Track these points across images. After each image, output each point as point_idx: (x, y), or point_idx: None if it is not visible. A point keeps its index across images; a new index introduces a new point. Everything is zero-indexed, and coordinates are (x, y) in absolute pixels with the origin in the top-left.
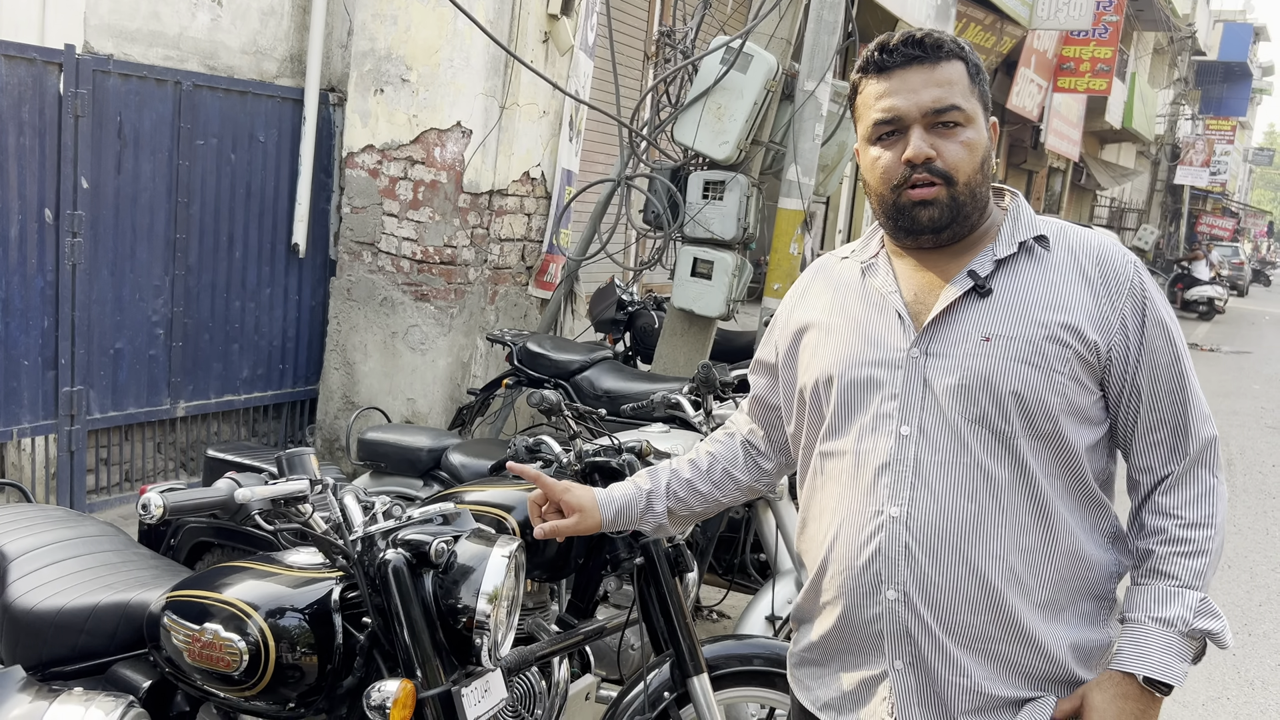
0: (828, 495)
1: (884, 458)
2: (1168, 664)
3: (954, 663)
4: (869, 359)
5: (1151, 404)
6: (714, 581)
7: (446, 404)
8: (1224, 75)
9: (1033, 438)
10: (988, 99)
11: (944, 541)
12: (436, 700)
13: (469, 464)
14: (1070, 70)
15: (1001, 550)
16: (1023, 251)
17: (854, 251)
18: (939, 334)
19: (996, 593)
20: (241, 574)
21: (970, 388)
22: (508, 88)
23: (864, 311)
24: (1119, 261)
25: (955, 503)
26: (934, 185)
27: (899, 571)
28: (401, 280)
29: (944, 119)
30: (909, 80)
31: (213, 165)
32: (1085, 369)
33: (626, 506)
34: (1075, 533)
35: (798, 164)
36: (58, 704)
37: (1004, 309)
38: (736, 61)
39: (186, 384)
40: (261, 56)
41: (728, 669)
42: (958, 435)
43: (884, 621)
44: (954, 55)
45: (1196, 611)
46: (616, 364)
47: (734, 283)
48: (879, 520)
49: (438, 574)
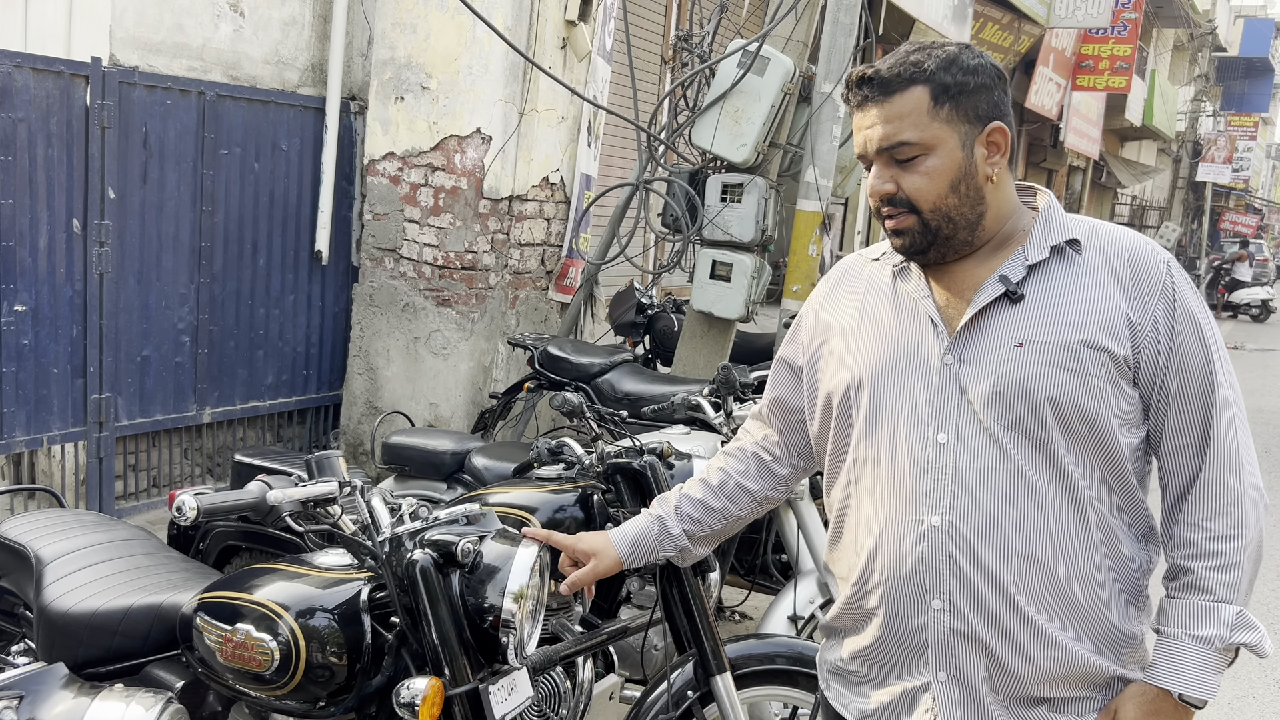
0: (864, 504)
1: (922, 465)
2: (1204, 681)
3: (1000, 668)
4: (902, 365)
5: (1180, 407)
6: (736, 583)
7: (469, 408)
8: (1245, 71)
9: (1070, 443)
10: (971, 112)
11: (987, 548)
12: (464, 698)
13: (492, 467)
14: (1089, 68)
15: (1045, 555)
16: (1054, 255)
17: (885, 254)
18: (972, 340)
19: (1040, 597)
20: (271, 575)
21: (1005, 394)
22: (526, 94)
23: (895, 317)
24: (1151, 261)
25: (997, 509)
26: (900, 214)
27: (944, 581)
28: (423, 286)
29: (897, 155)
30: (865, 119)
31: (236, 174)
32: (1121, 372)
33: (640, 538)
34: (1114, 533)
35: (815, 166)
36: (99, 700)
37: (1037, 314)
38: (753, 65)
39: (212, 391)
40: (283, 66)
41: (751, 668)
42: (995, 441)
43: (929, 632)
44: (911, 82)
45: (1233, 626)
46: (637, 366)
47: (753, 285)
48: (920, 529)
49: (464, 574)
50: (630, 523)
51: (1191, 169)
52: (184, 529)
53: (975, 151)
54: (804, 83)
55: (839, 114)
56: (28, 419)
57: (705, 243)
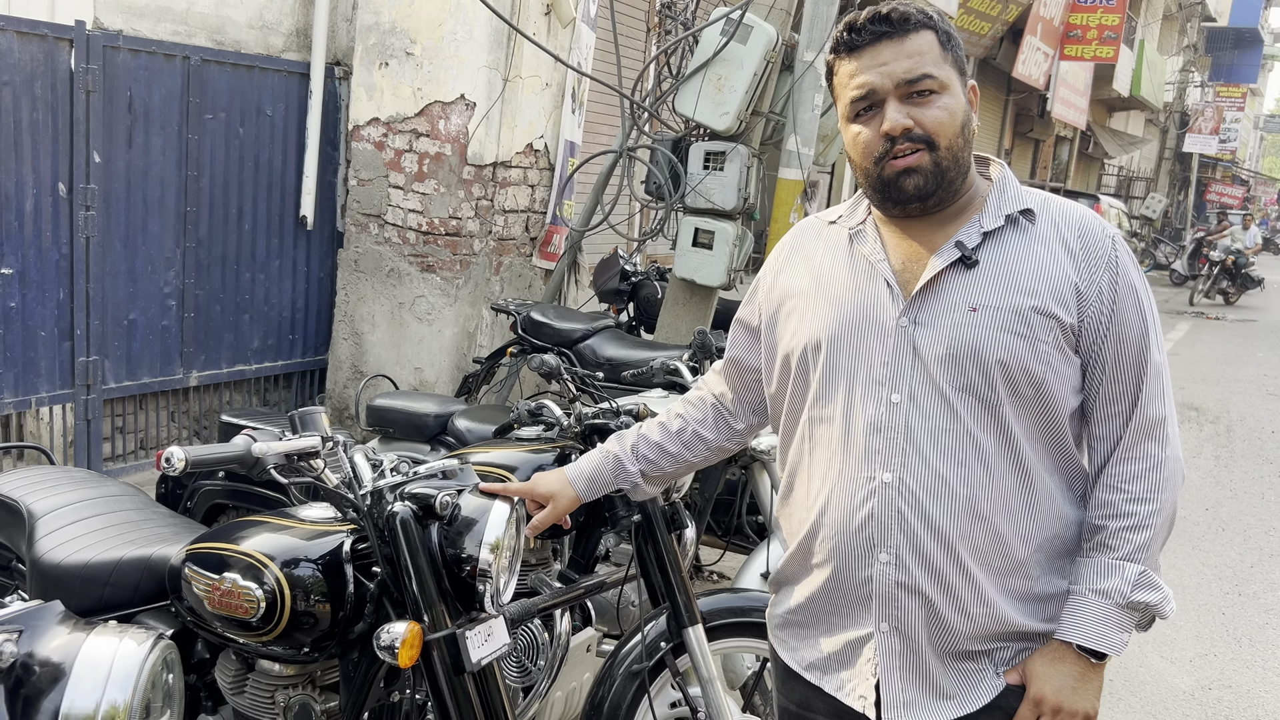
0: (816, 461)
1: (875, 424)
2: (1103, 634)
3: (939, 621)
4: (858, 327)
5: (1115, 374)
6: (712, 543)
7: (453, 372)
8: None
9: (1017, 405)
10: (963, 64)
11: (935, 505)
12: (442, 642)
13: (474, 429)
14: (1077, 38)
15: (990, 512)
16: (1008, 224)
17: (841, 217)
18: (927, 303)
19: (983, 553)
20: (257, 528)
21: (958, 357)
22: (510, 60)
23: (852, 279)
24: (1099, 234)
25: (946, 467)
26: (916, 152)
27: (892, 535)
28: (408, 251)
29: (918, 88)
30: (879, 55)
31: (221, 139)
32: (1067, 339)
33: (596, 474)
34: (1055, 494)
35: (797, 134)
36: (94, 636)
37: (990, 280)
38: (736, 33)
39: (198, 354)
40: (268, 31)
41: (723, 620)
42: (947, 402)
43: (875, 584)
44: (922, 25)
45: (1135, 584)
46: (618, 332)
47: (735, 252)
48: (871, 485)
49: (443, 525)
50: (585, 459)
51: (1179, 140)
52: (172, 488)
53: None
54: (786, 51)
55: (821, 83)
56: (15, 381)
57: (688, 210)
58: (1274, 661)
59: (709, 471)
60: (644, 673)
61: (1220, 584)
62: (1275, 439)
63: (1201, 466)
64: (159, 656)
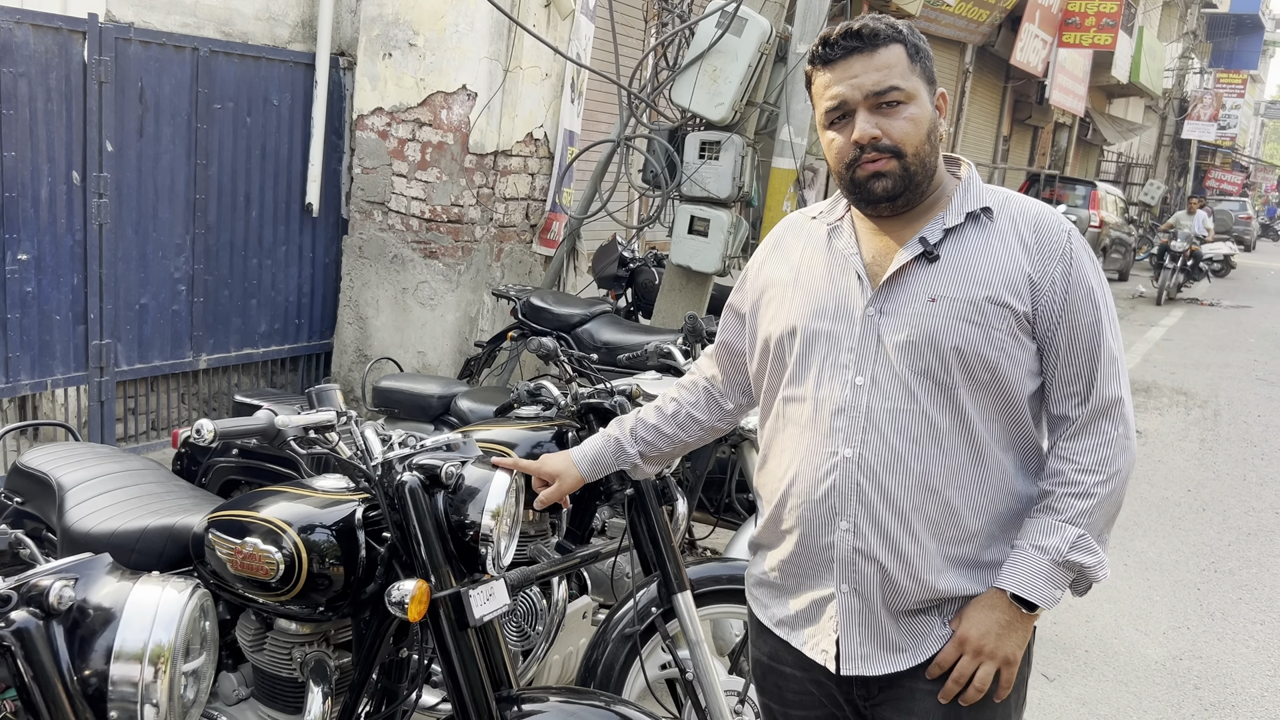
0: (788, 436)
1: (839, 404)
2: (1034, 585)
3: (892, 584)
4: (830, 315)
5: (1068, 358)
6: (704, 519)
7: (455, 356)
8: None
9: (973, 388)
10: (931, 74)
11: (891, 479)
12: (447, 600)
13: (475, 409)
14: (1075, 25)
15: (940, 485)
16: (969, 220)
17: (822, 213)
18: (892, 294)
19: (934, 524)
20: (275, 497)
21: (917, 344)
22: (511, 51)
23: (827, 270)
24: (1054, 229)
25: (902, 445)
26: (884, 158)
27: (850, 505)
28: (411, 238)
29: (886, 99)
30: (851, 68)
31: (229, 128)
32: (1021, 326)
33: (599, 457)
34: (1008, 470)
35: (790, 124)
36: (140, 584)
37: (949, 273)
38: (731, 25)
39: (208, 338)
40: (274, 22)
41: (711, 587)
42: (906, 386)
43: (835, 550)
44: (891, 40)
45: (1072, 545)
46: (615, 317)
47: (729, 239)
48: (834, 460)
49: (448, 494)
50: (589, 443)
51: (1177, 127)
52: (187, 464)
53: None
54: (780, 43)
55: None
56: (32, 363)
57: (684, 198)
58: (1244, 635)
59: (700, 451)
60: (636, 636)
61: (1197, 560)
62: (1261, 423)
63: (1186, 449)
64: (197, 603)
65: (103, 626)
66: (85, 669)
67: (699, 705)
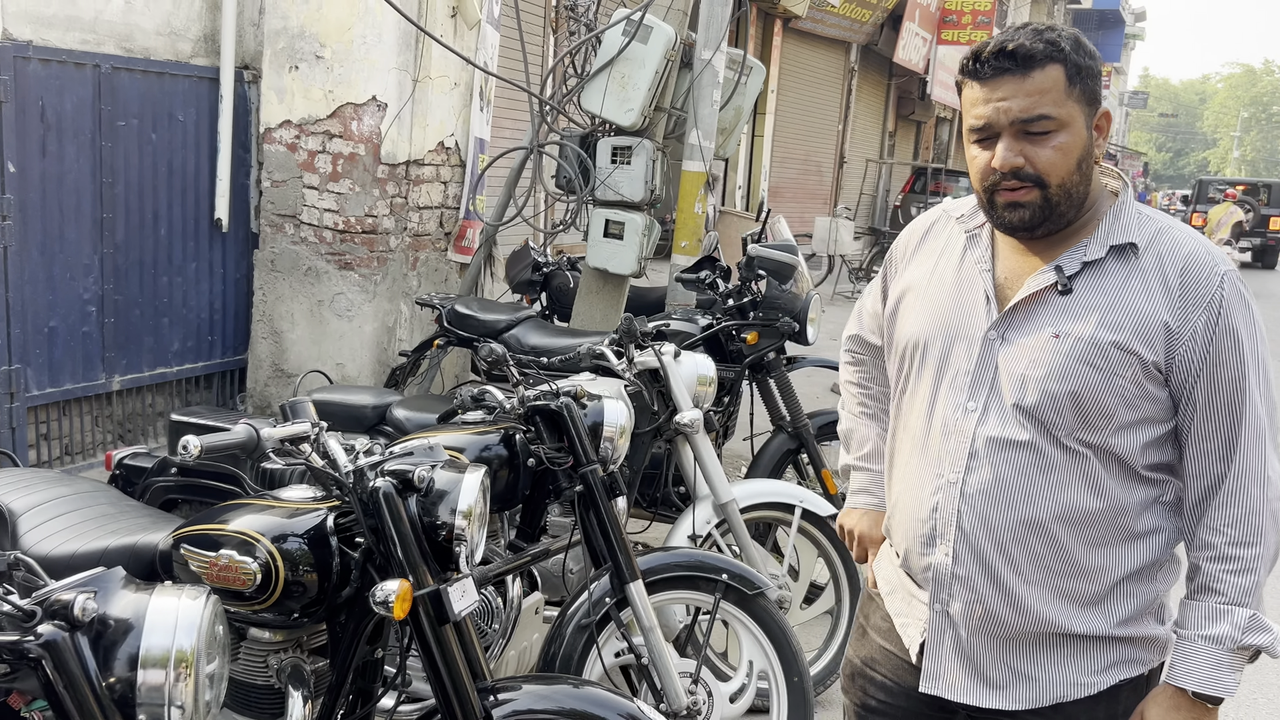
0: (901, 447)
1: (949, 427)
2: (1216, 679)
3: (987, 613)
4: (952, 333)
5: (1206, 414)
6: (639, 515)
7: (375, 367)
8: (1099, 22)
9: (1087, 431)
10: (1094, 94)
11: (993, 510)
12: (427, 598)
13: (413, 417)
14: (953, 23)
15: (1046, 520)
16: (1112, 254)
17: (964, 215)
18: (1016, 321)
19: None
20: (242, 510)
21: (1030, 380)
22: (419, 61)
23: (956, 283)
24: (1204, 273)
25: (1008, 476)
26: (1025, 188)
27: (951, 531)
28: (325, 250)
29: (1034, 128)
30: (1000, 89)
31: (134, 145)
32: (1149, 375)
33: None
34: (1129, 509)
35: (698, 128)
36: (156, 595)
37: (1079, 310)
38: (638, 33)
39: (120, 359)
40: (176, 37)
41: (658, 576)
42: (1016, 419)
43: (933, 571)
44: (1049, 60)
45: (1245, 629)
46: (540, 321)
47: (644, 242)
48: (939, 483)
49: (419, 497)
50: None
51: None
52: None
53: (1092, 132)
54: (685, 49)
55: (718, 79)
56: None
57: (598, 203)
58: None
59: (635, 447)
60: (591, 626)
61: None
62: None
63: None
64: (213, 609)
65: (124, 635)
66: (111, 676)
67: (655, 688)
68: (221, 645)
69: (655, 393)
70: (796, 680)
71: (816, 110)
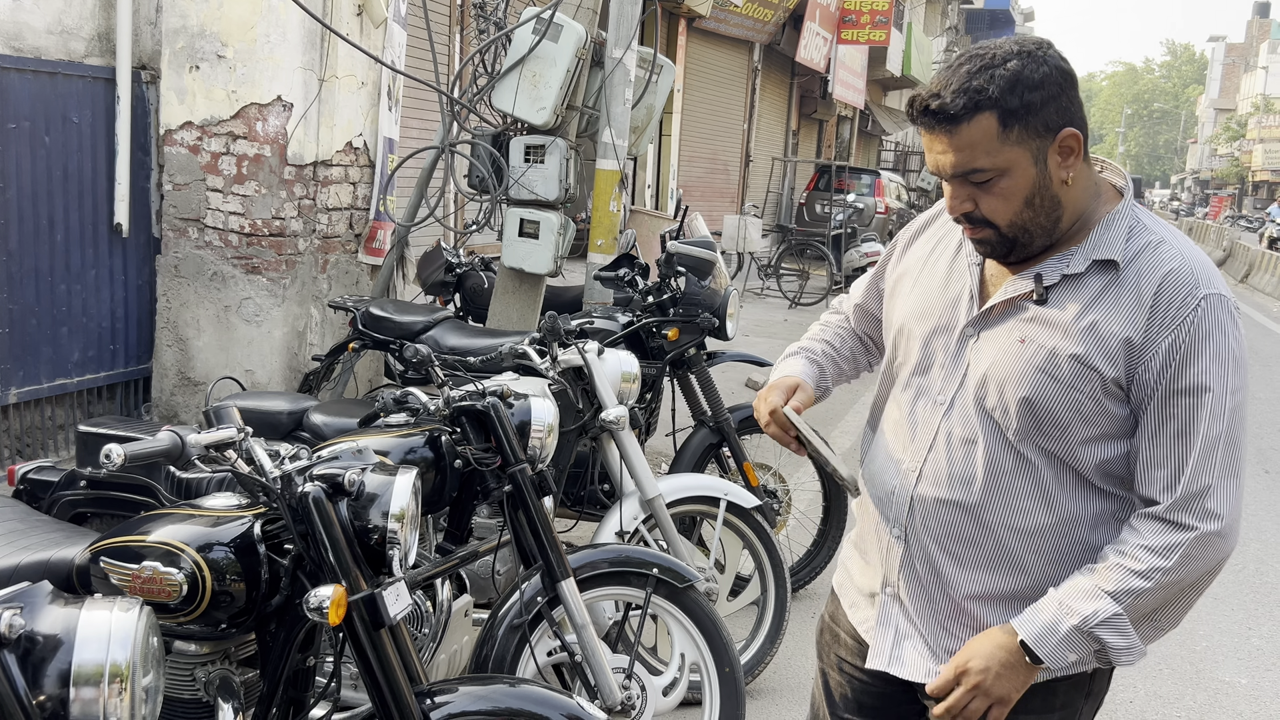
0: (882, 427)
1: (918, 417)
2: (1050, 643)
3: (928, 596)
4: (934, 324)
5: (1155, 435)
6: (565, 514)
7: (285, 373)
8: (990, 22)
9: (1039, 439)
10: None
11: (946, 504)
12: (361, 602)
13: (331, 422)
14: (852, 23)
15: (994, 522)
16: (1093, 268)
17: None
18: (990, 321)
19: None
20: (163, 520)
21: (990, 381)
22: (326, 60)
23: (947, 275)
24: (1180, 294)
25: (964, 473)
26: (979, 229)
27: (904, 516)
28: (231, 254)
29: (971, 180)
30: (935, 144)
31: (27, 149)
32: (1107, 391)
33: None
34: (1082, 520)
35: (612, 126)
36: (86, 609)
37: (1049, 319)
38: (548, 31)
39: (16, 370)
40: (68, 36)
41: (589, 573)
42: (975, 419)
43: (885, 551)
44: (976, 110)
45: (1104, 621)
46: (457, 322)
47: (560, 241)
48: (902, 468)
49: (350, 501)
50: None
51: None
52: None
53: (1050, 161)
54: (595, 48)
55: (630, 78)
56: None
57: (512, 202)
58: None
59: (560, 445)
60: (524, 625)
61: None
62: None
63: None
64: (146, 621)
65: (54, 651)
66: (41, 694)
67: (589, 685)
68: (156, 658)
69: (580, 391)
70: (728, 671)
71: (722, 109)
